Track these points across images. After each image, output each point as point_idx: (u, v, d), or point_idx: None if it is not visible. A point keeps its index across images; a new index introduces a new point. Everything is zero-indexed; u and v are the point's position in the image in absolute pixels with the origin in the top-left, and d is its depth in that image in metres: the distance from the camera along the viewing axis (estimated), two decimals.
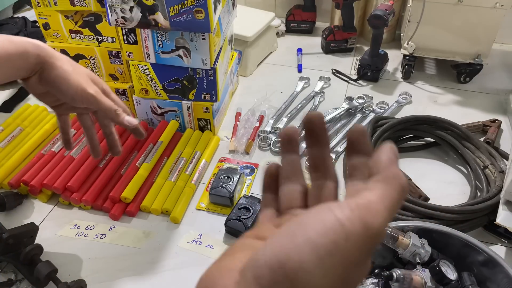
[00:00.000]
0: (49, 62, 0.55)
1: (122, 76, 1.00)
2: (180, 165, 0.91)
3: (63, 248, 0.79)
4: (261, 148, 1.00)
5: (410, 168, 0.91)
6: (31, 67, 0.54)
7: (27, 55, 0.53)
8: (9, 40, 0.52)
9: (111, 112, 0.59)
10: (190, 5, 0.79)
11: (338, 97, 1.16)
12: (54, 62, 0.55)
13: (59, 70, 0.55)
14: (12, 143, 0.96)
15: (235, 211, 0.81)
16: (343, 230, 0.21)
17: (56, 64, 0.55)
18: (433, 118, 0.96)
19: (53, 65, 0.55)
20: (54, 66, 0.55)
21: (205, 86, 0.94)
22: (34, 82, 0.56)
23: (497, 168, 0.86)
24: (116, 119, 0.59)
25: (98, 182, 0.86)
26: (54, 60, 0.55)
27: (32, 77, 0.55)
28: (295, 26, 1.45)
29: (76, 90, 0.56)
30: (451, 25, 1.13)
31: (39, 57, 0.54)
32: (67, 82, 0.55)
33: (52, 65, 0.55)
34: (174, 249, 0.78)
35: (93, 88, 0.57)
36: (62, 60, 0.56)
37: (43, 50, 0.54)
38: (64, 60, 0.56)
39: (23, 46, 0.53)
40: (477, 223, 0.79)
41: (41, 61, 0.54)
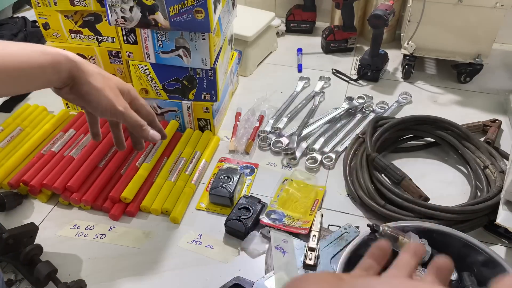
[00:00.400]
0: (80, 77, 0.55)
1: (122, 76, 1.00)
2: (180, 165, 0.91)
3: (63, 248, 0.79)
4: (261, 148, 1.00)
5: (410, 168, 0.91)
6: (63, 80, 0.54)
7: (59, 68, 0.53)
8: (43, 51, 0.52)
9: (137, 127, 0.61)
10: (190, 5, 0.79)
11: (338, 97, 1.16)
12: (86, 78, 0.55)
13: (90, 86, 0.55)
14: (12, 143, 0.96)
15: (235, 211, 0.81)
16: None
17: (88, 80, 0.55)
18: (433, 118, 0.96)
19: (84, 81, 0.55)
20: (85, 82, 0.55)
21: (205, 86, 0.94)
22: (65, 92, 0.57)
23: (497, 168, 0.86)
24: (141, 133, 0.62)
25: (98, 182, 0.86)
26: (86, 76, 0.55)
27: (63, 88, 0.56)
28: (295, 26, 1.45)
29: (106, 107, 0.57)
30: (451, 25, 1.13)
31: (71, 71, 0.54)
32: (97, 99, 0.56)
33: (83, 81, 0.55)
34: (174, 249, 0.78)
35: (122, 105, 0.58)
36: (93, 76, 0.56)
37: (76, 64, 0.55)
38: (96, 76, 0.57)
39: (56, 59, 0.53)
40: (477, 223, 0.79)
41: (73, 75, 0.55)
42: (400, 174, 0.85)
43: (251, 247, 0.77)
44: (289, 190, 0.87)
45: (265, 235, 0.78)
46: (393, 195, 0.81)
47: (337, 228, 0.78)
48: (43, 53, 0.52)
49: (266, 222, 0.80)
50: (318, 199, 0.86)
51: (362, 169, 0.88)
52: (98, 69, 0.58)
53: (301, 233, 0.77)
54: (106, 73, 0.59)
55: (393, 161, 0.91)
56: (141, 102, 0.64)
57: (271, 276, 0.70)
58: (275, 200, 0.85)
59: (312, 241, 0.74)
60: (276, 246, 0.74)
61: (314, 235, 0.75)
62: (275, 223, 0.79)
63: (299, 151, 0.97)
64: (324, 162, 0.95)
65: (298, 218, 0.81)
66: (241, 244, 0.78)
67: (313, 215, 0.80)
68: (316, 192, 0.87)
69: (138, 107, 0.63)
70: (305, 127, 1.04)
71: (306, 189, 0.87)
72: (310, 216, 0.80)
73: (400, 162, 0.96)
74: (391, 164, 0.87)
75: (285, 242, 0.75)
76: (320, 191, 0.88)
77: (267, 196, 0.87)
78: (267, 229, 0.79)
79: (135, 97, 0.63)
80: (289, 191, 0.87)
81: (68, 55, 0.54)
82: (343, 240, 0.75)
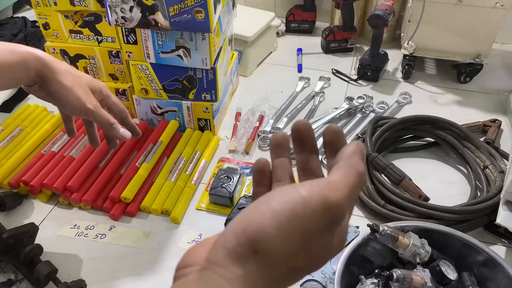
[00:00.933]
0: (49, 76, 0.55)
1: (122, 76, 1.00)
2: (180, 165, 0.91)
3: (63, 248, 0.79)
4: (261, 148, 1.00)
5: (410, 168, 0.91)
6: (31, 78, 0.54)
7: (27, 66, 0.53)
8: (10, 49, 0.52)
9: (107, 126, 0.61)
10: (190, 5, 0.79)
11: (338, 97, 1.15)
12: (55, 77, 0.55)
13: (59, 85, 0.56)
14: (12, 143, 0.96)
15: (235, 211, 0.81)
16: (301, 199, 0.24)
17: (57, 79, 0.56)
18: (433, 118, 0.96)
19: (53, 80, 0.55)
20: (54, 80, 0.55)
21: (205, 86, 0.94)
22: (35, 90, 0.57)
23: (497, 168, 0.86)
24: (110, 132, 0.62)
25: (98, 182, 0.86)
26: (55, 74, 0.55)
27: (32, 86, 0.56)
28: (295, 26, 1.45)
29: (75, 106, 0.57)
30: (451, 25, 1.13)
31: (40, 70, 0.54)
32: (66, 97, 0.56)
33: (52, 79, 0.55)
34: (174, 249, 0.78)
35: (91, 103, 0.58)
36: (62, 74, 0.56)
37: (44, 62, 0.55)
38: (65, 74, 0.57)
39: (23, 57, 0.53)
40: (477, 223, 0.79)
41: (41, 74, 0.55)
42: (400, 174, 0.85)
43: None
44: None
45: None
46: (393, 195, 0.81)
47: None
48: (10, 51, 0.52)
49: None
50: None
51: None
52: (67, 67, 0.58)
53: None
54: (77, 71, 0.59)
55: (393, 161, 0.91)
56: (113, 100, 0.64)
57: None
58: None
59: None
60: None
61: None
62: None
63: None
64: (324, 162, 0.95)
65: None
66: None
67: None
68: None
69: (110, 105, 0.63)
70: None
71: None
72: None
73: (400, 162, 0.96)
74: (391, 164, 0.87)
75: None
76: None
77: None
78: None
79: (107, 95, 0.63)
80: None
81: (36, 54, 0.54)
82: None
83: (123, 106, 0.65)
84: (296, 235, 0.24)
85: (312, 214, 0.24)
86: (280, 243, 0.23)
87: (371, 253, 0.68)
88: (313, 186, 0.24)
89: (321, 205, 0.24)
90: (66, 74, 0.57)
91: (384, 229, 0.64)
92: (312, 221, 0.24)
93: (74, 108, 0.57)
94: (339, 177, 0.26)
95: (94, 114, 0.59)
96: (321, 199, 0.24)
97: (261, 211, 0.24)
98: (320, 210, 0.24)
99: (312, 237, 0.24)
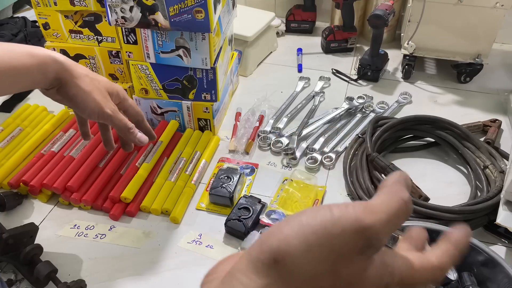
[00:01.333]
0: (68, 79, 0.54)
1: (122, 76, 1.00)
2: (180, 165, 0.91)
3: (63, 248, 0.79)
4: (261, 148, 1.00)
5: (410, 168, 0.91)
6: (49, 81, 0.54)
7: (46, 70, 0.52)
8: (30, 52, 0.52)
9: (125, 130, 0.61)
10: (190, 5, 0.79)
11: (338, 97, 1.15)
12: (73, 81, 0.55)
13: (77, 89, 0.55)
14: (12, 143, 0.96)
15: (235, 211, 0.81)
16: (332, 217, 0.22)
17: (75, 82, 0.55)
18: (433, 118, 0.96)
19: (72, 83, 0.55)
20: (73, 84, 0.55)
21: (205, 86, 0.94)
22: (52, 93, 0.56)
23: (497, 168, 0.86)
24: (128, 136, 0.62)
25: (98, 182, 0.86)
26: (73, 78, 0.55)
27: (50, 89, 0.55)
28: (295, 26, 1.45)
29: (93, 110, 0.56)
30: (451, 25, 1.13)
31: (58, 73, 0.54)
32: (85, 101, 0.56)
33: (71, 83, 0.55)
34: (174, 249, 0.78)
35: (110, 107, 0.58)
36: (81, 78, 0.56)
37: (63, 66, 0.54)
38: (84, 78, 0.56)
39: (43, 61, 0.52)
40: (477, 223, 0.79)
41: (60, 77, 0.54)
42: None
43: None
44: (289, 190, 0.87)
45: None
46: None
47: None
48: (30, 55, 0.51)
49: (266, 222, 0.80)
50: (318, 199, 0.85)
51: (362, 169, 0.88)
52: (86, 71, 0.57)
53: None
54: (95, 75, 0.58)
55: (393, 161, 0.91)
56: (130, 102, 0.63)
57: None
58: (275, 200, 0.85)
59: None
60: None
61: None
62: (275, 223, 0.79)
63: (299, 151, 0.97)
64: (324, 162, 0.95)
65: None
66: (241, 244, 0.78)
67: None
68: (316, 192, 0.87)
69: (127, 107, 0.63)
70: (305, 127, 1.04)
71: (306, 189, 0.87)
72: None
73: (400, 162, 0.96)
74: (391, 164, 0.87)
75: None
76: (320, 191, 0.88)
77: (267, 196, 0.87)
78: (267, 229, 0.79)
79: (124, 98, 0.62)
80: (289, 191, 0.87)
81: (56, 57, 0.54)
82: None
83: (139, 109, 0.65)
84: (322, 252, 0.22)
85: (341, 232, 0.22)
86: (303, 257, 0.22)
87: None
88: (348, 207, 0.23)
89: (353, 225, 0.22)
90: (84, 78, 0.56)
91: None
92: (341, 241, 0.22)
93: (92, 112, 0.57)
94: (379, 201, 0.24)
95: (112, 119, 0.58)
96: (353, 219, 0.22)
97: (289, 223, 0.23)
98: (351, 230, 0.22)
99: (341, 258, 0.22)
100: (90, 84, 0.56)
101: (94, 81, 0.57)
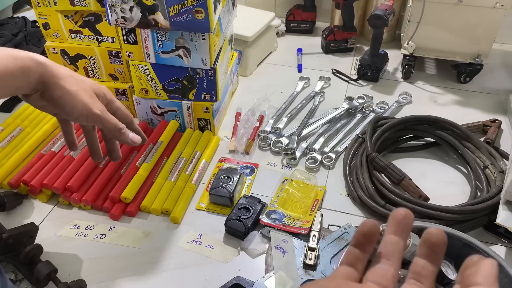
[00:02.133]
0: (52, 81, 0.52)
1: (122, 76, 1.01)
2: (180, 165, 0.91)
3: (63, 248, 0.79)
4: (261, 148, 1.00)
5: (410, 168, 0.91)
6: (33, 86, 0.51)
7: (29, 73, 0.49)
8: (13, 55, 0.49)
9: (116, 131, 0.58)
10: (190, 5, 0.79)
11: (338, 97, 1.16)
12: (58, 82, 0.52)
13: (62, 90, 0.52)
14: (12, 143, 0.96)
15: (235, 211, 0.81)
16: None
17: (60, 84, 0.52)
18: (433, 118, 0.96)
19: (56, 85, 0.52)
20: (57, 86, 0.52)
21: (205, 86, 0.94)
22: (35, 99, 0.53)
23: (497, 168, 0.86)
24: (120, 137, 0.58)
25: (98, 182, 0.86)
26: (58, 80, 0.52)
27: (33, 94, 0.52)
28: (295, 26, 1.45)
29: (81, 111, 0.53)
30: (451, 25, 1.13)
31: (42, 76, 0.51)
32: (71, 103, 0.53)
33: (55, 85, 0.52)
34: (174, 249, 0.78)
35: (98, 107, 0.55)
36: (65, 79, 0.53)
37: (46, 68, 0.51)
38: (68, 78, 0.53)
39: (25, 64, 0.49)
40: (477, 223, 0.79)
41: (43, 80, 0.51)
42: (400, 174, 0.85)
43: (251, 247, 0.77)
44: (289, 190, 0.87)
45: (265, 235, 0.78)
46: (393, 195, 0.81)
47: (337, 228, 0.78)
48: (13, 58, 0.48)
49: (266, 222, 0.80)
50: (318, 199, 0.86)
51: (362, 169, 0.88)
52: (70, 71, 0.55)
53: (301, 233, 0.77)
54: (79, 76, 0.56)
55: (393, 161, 0.91)
56: (117, 104, 0.61)
57: (271, 276, 0.70)
58: (275, 200, 0.85)
59: (312, 241, 0.74)
60: (276, 246, 0.74)
61: (314, 235, 0.75)
62: (275, 223, 0.79)
63: (299, 151, 0.97)
64: (324, 162, 0.95)
65: (298, 218, 0.81)
66: (241, 244, 0.78)
67: (313, 215, 0.80)
68: (316, 192, 0.87)
69: (115, 109, 0.60)
70: (305, 127, 1.04)
71: (306, 189, 0.87)
72: (310, 216, 0.80)
73: (400, 162, 0.96)
74: (391, 164, 0.87)
75: (285, 242, 0.75)
76: (320, 191, 0.88)
77: (267, 196, 0.87)
78: (267, 229, 0.79)
79: (111, 100, 0.60)
80: (289, 191, 0.87)
81: (37, 59, 0.51)
82: (343, 240, 0.75)
83: (127, 111, 0.62)
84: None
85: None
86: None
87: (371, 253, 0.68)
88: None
89: None
90: (69, 79, 0.53)
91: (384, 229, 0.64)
92: None
93: (80, 114, 0.54)
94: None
95: (102, 119, 0.55)
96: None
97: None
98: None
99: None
100: (75, 85, 0.53)
101: (79, 81, 0.54)
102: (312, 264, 0.70)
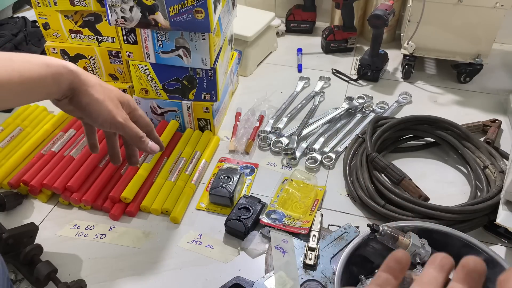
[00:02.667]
0: (81, 89, 0.55)
1: (122, 76, 1.00)
2: (180, 165, 0.91)
3: (63, 248, 0.79)
4: (261, 148, 1.00)
5: (410, 168, 0.91)
6: (63, 92, 0.54)
7: (60, 80, 0.53)
8: (46, 63, 0.51)
9: (136, 139, 0.61)
10: (190, 5, 0.79)
11: (338, 97, 1.16)
12: (86, 90, 0.55)
13: (90, 98, 0.55)
14: (12, 143, 0.96)
15: (235, 211, 0.81)
16: None
17: (88, 91, 0.55)
18: (433, 118, 0.96)
19: (85, 92, 0.55)
20: (86, 93, 0.55)
21: (205, 86, 0.94)
22: (64, 103, 0.56)
23: (497, 168, 0.86)
24: (140, 145, 0.62)
25: (98, 182, 0.86)
26: (86, 87, 0.55)
27: (63, 100, 0.55)
28: (295, 26, 1.45)
29: (106, 119, 0.56)
30: (451, 25, 1.13)
31: (72, 83, 0.54)
32: (98, 110, 0.56)
33: (84, 92, 0.55)
34: (174, 249, 0.78)
35: (122, 116, 0.58)
36: (94, 87, 0.56)
37: (76, 76, 0.54)
38: (96, 87, 0.56)
39: (57, 71, 0.52)
40: (477, 223, 0.79)
41: (73, 87, 0.54)
42: (400, 174, 0.85)
43: (251, 247, 0.77)
44: (289, 190, 0.87)
45: (265, 235, 0.78)
46: (393, 195, 0.81)
47: (337, 228, 0.78)
48: (46, 65, 0.51)
49: (266, 222, 0.80)
50: (318, 199, 0.86)
51: (362, 169, 0.88)
52: (98, 80, 0.58)
53: (301, 233, 0.77)
54: (106, 84, 0.59)
55: (393, 161, 0.91)
56: (140, 112, 0.64)
57: (271, 276, 0.70)
58: (275, 200, 0.85)
59: (312, 241, 0.74)
60: (276, 246, 0.75)
61: (314, 235, 0.75)
62: (275, 223, 0.79)
63: (299, 151, 0.97)
64: (324, 162, 0.95)
65: (298, 218, 0.81)
66: (241, 244, 0.78)
67: (313, 215, 0.80)
68: (316, 192, 0.87)
69: (137, 117, 0.63)
70: (305, 127, 1.04)
71: (306, 189, 0.87)
72: (310, 216, 0.80)
73: (400, 162, 0.96)
74: (391, 164, 0.87)
75: (285, 242, 0.75)
76: (320, 191, 0.88)
77: (267, 196, 0.87)
78: (267, 229, 0.79)
79: (134, 108, 0.63)
80: (289, 191, 0.87)
81: (69, 67, 0.54)
82: (343, 240, 0.75)
83: (148, 120, 0.65)
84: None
85: None
86: None
87: (371, 253, 0.68)
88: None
89: None
90: (97, 87, 0.56)
91: (384, 229, 0.64)
92: None
93: (104, 121, 0.57)
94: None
95: (124, 127, 0.58)
96: None
97: None
98: None
99: None
100: (103, 93, 0.57)
101: (106, 90, 0.58)
102: (312, 264, 0.71)
